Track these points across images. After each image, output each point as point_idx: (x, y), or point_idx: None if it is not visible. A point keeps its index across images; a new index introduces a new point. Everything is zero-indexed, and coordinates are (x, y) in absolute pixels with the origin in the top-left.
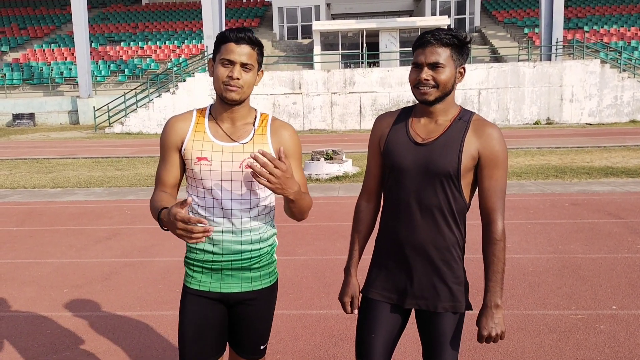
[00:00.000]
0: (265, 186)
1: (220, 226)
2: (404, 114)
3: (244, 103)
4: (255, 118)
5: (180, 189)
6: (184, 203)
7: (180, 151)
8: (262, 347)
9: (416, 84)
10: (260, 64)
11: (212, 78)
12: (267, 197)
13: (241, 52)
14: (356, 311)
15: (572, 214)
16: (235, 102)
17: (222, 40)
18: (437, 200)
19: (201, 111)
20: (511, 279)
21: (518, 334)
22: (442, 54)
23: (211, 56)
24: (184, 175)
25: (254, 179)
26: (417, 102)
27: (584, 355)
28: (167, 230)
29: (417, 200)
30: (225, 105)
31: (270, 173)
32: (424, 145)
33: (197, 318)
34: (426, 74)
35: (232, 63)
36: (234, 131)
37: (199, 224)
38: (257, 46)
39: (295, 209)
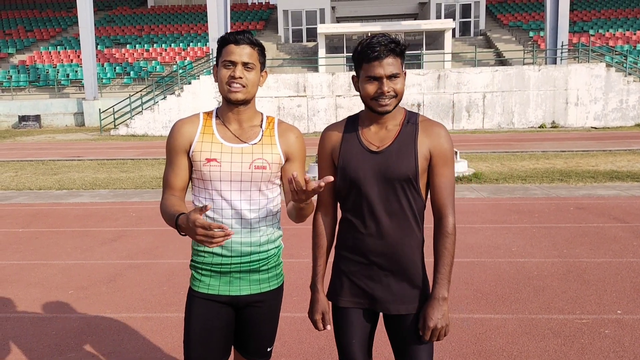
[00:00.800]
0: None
1: (229, 228)
2: (351, 124)
3: (249, 104)
4: (262, 120)
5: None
6: (203, 209)
7: (188, 154)
8: (268, 350)
9: (376, 97)
10: (262, 64)
11: (215, 81)
12: (274, 197)
13: (242, 52)
14: (329, 327)
15: (577, 218)
16: (240, 102)
17: (222, 43)
18: (400, 205)
19: (208, 114)
20: (516, 283)
21: (522, 338)
22: (397, 64)
23: (215, 62)
24: (191, 178)
25: (263, 181)
26: (362, 110)
27: None
28: (184, 235)
29: (380, 207)
30: (232, 107)
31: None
32: (379, 152)
33: (203, 321)
34: (387, 86)
35: (233, 63)
36: (242, 132)
37: (218, 230)
38: (258, 46)
39: (303, 212)
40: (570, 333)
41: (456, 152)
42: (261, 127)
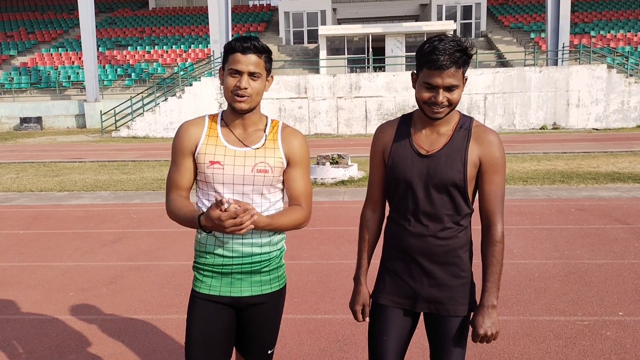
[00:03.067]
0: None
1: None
2: (404, 124)
3: (254, 110)
4: (266, 124)
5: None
6: (219, 204)
7: (193, 155)
8: (269, 352)
9: (429, 103)
10: (269, 70)
11: (220, 84)
12: (277, 201)
13: (248, 61)
14: (367, 319)
15: (579, 219)
16: (244, 111)
17: (229, 50)
18: (445, 209)
19: (213, 117)
20: (517, 284)
21: (524, 339)
22: (457, 76)
23: (221, 65)
24: (195, 180)
25: (265, 184)
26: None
27: None
28: (210, 233)
29: (425, 209)
30: (237, 113)
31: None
32: (429, 156)
33: (205, 323)
34: (442, 96)
35: (239, 73)
36: (246, 137)
37: (241, 214)
38: (265, 53)
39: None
40: (571, 335)
41: None
42: (265, 131)
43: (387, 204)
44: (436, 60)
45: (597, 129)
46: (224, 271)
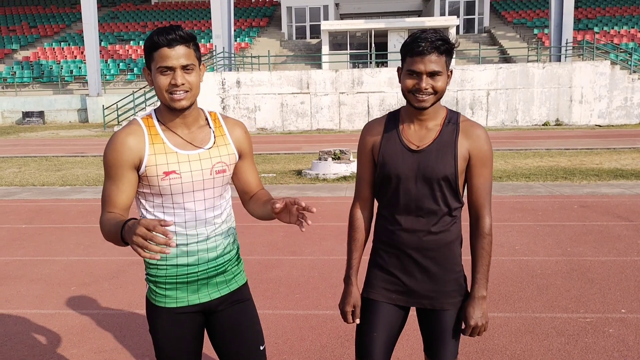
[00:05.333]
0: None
1: (195, 237)
2: (392, 121)
3: (193, 105)
4: (206, 119)
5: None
6: (162, 223)
7: (137, 169)
8: (261, 348)
9: (413, 91)
10: (199, 59)
11: (150, 85)
12: (229, 198)
13: (177, 54)
14: (357, 320)
15: (581, 216)
16: (185, 108)
17: (153, 47)
18: (437, 203)
19: (146, 119)
20: (519, 281)
21: (526, 337)
22: (440, 62)
23: (145, 65)
24: (137, 195)
25: (225, 184)
26: (404, 105)
27: (593, 359)
28: (125, 244)
29: (417, 205)
30: (176, 112)
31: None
32: (419, 151)
33: (175, 338)
34: (426, 82)
35: (170, 69)
36: (192, 137)
37: (161, 236)
38: (192, 41)
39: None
40: (574, 332)
41: None
42: (209, 126)
43: (375, 201)
44: (417, 46)
45: (600, 126)
46: (190, 279)
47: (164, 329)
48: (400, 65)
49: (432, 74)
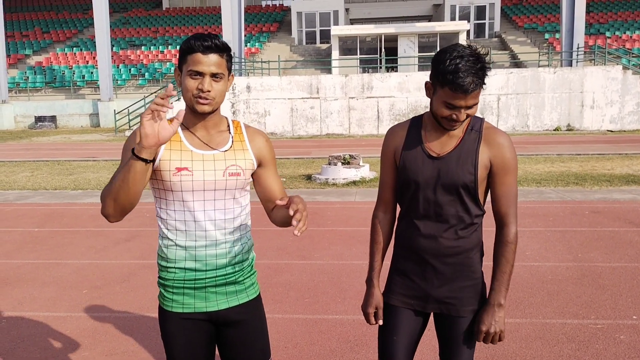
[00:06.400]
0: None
1: (203, 240)
2: (415, 126)
3: (216, 111)
4: (228, 125)
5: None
6: (167, 89)
7: (152, 162)
8: None
9: (449, 119)
10: (230, 69)
11: (178, 86)
12: (247, 205)
13: (210, 62)
14: (380, 321)
15: (593, 222)
16: (207, 113)
17: (188, 50)
18: (456, 210)
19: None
20: (530, 287)
21: (536, 342)
22: (478, 93)
23: (177, 65)
24: (153, 192)
25: (236, 188)
26: (427, 110)
27: None
28: (137, 157)
29: (436, 211)
30: (198, 115)
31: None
32: (440, 158)
33: (182, 344)
34: (464, 115)
35: (201, 74)
36: (210, 139)
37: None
38: (226, 52)
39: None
40: (584, 338)
41: None
42: (229, 132)
43: (397, 205)
44: (461, 85)
45: (611, 131)
46: (197, 286)
47: (172, 333)
48: (430, 81)
49: (470, 107)
